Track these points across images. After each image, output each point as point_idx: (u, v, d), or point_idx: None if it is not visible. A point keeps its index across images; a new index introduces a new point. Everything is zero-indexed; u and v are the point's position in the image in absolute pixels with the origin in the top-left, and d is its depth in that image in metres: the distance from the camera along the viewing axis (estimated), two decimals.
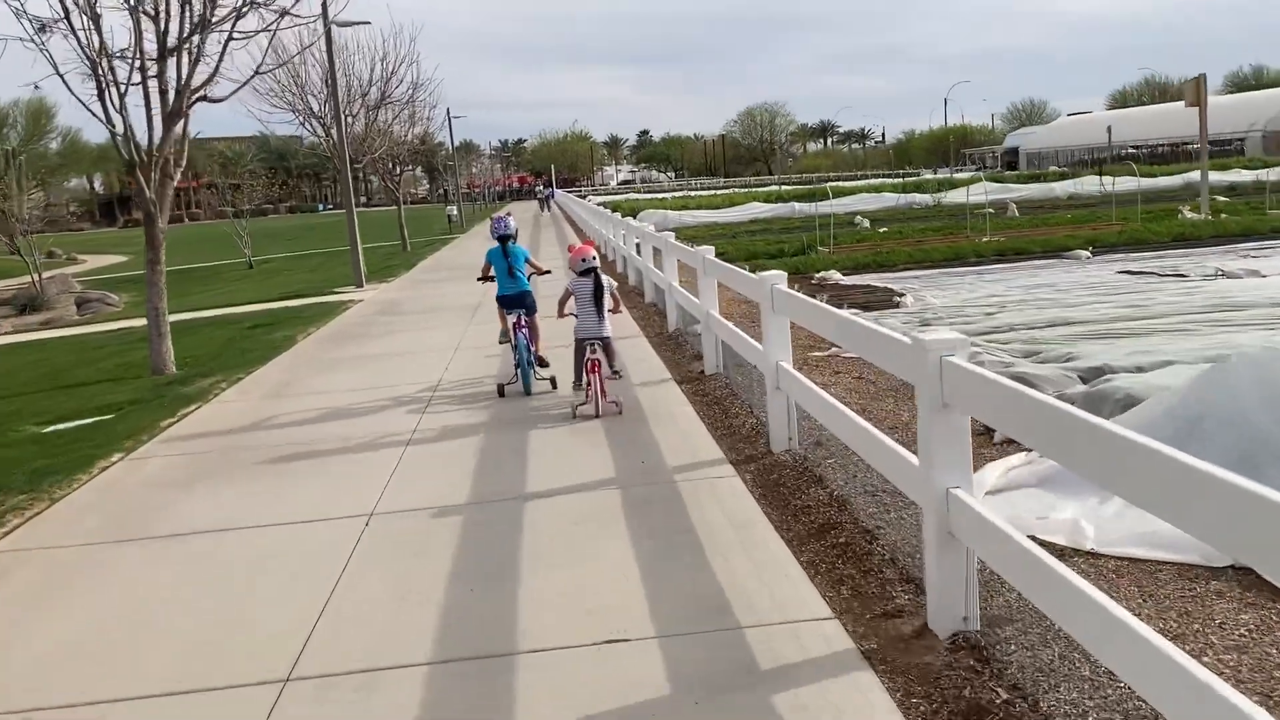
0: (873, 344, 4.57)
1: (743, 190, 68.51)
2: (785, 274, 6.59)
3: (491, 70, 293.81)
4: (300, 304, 19.05)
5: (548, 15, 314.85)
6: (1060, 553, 4.49)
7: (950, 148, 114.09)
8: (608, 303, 8.29)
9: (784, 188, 57.86)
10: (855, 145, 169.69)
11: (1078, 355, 8.13)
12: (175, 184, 12.33)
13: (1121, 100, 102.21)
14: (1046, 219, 24.78)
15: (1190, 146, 66.89)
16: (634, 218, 35.86)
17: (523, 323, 9.05)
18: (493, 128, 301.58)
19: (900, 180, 54.52)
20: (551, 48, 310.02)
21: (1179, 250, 16.92)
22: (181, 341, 14.55)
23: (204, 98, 12.23)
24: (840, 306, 11.44)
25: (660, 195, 66.21)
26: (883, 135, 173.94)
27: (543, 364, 9.25)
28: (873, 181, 56.28)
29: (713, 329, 9.19)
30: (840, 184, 54.10)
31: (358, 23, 22.05)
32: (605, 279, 8.34)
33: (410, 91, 29.09)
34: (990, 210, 26.31)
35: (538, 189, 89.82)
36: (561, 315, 8.48)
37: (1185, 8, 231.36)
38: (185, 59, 11.78)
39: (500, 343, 9.79)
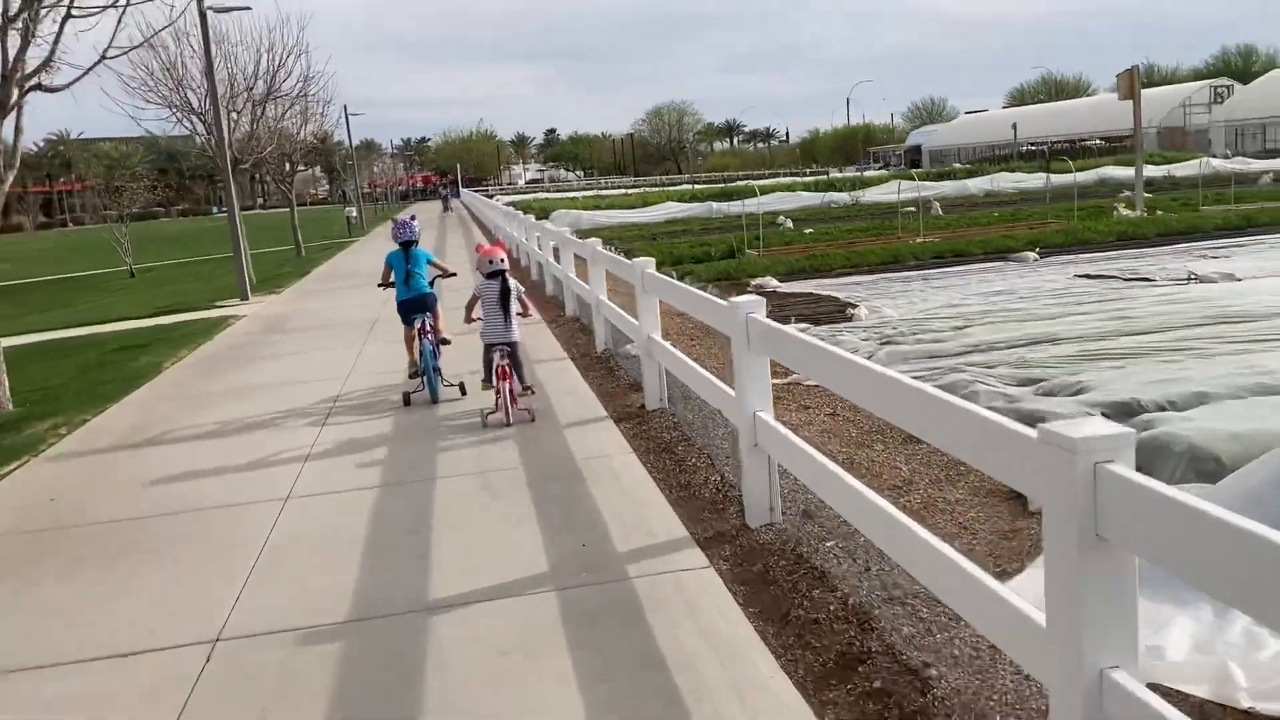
0: (960, 425, 2.92)
1: (655, 189, 67.22)
2: (762, 301, 5.13)
3: (389, 67, 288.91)
4: (177, 321, 16.99)
5: (442, 11, 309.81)
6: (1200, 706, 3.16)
7: (856, 146, 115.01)
8: (515, 306, 7.95)
9: (696, 186, 56.80)
10: (760, 144, 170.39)
11: (1089, 385, 6.89)
12: (28, 189, 10.34)
13: (1020, 98, 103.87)
14: (976, 218, 24.01)
15: (1091, 143, 68.01)
16: (546, 219, 34.45)
17: (427, 327, 8.75)
18: (395, 126, 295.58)
19: (811, 179, 53.86)
20: (449, 45, 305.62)
21: (1127, 250, 16.06)
22: (27, 371, 12.53)
23: (38, 86, 10.30)
24: (786, 320, 10.14)
25: (570, 195, 64.55)
26: (786, 134, 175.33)
27: (445, 343, 9.04)
28: (784, 180, 55.49)
29: (655, 357, 7.71)
30: (753, 183, 53.32)
31: (236, 8, 19.94)
32: (514, 282, 7.99)
33: (300, 85, 26.93)
34: (913, 209, 25.50)
35: (446, 189, 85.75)
36: (469, 320, 8.19)
37: (1074, 10, 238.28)
38: (12, 41, 9.85)
39: (410, 376, 9.22)
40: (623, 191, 68.10)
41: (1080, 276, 13.42)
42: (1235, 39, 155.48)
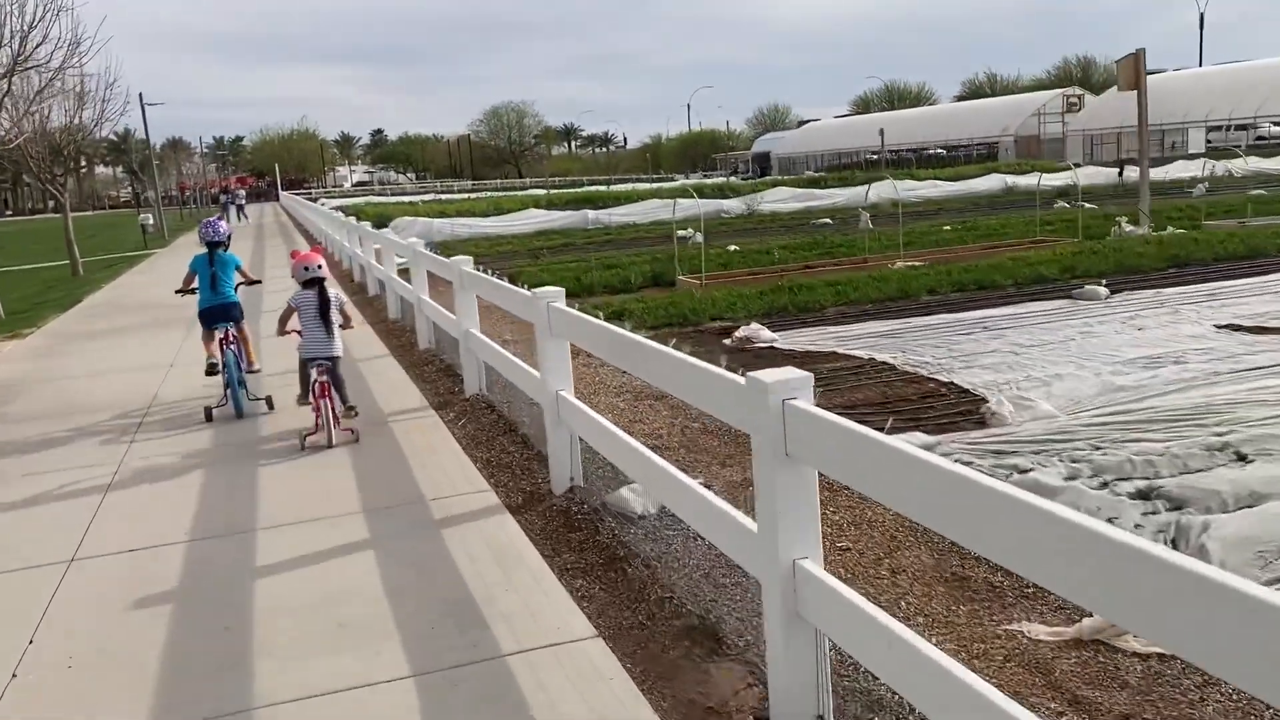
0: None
1: (500, 194, 61.86)
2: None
3: (202, 68, 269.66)
4: None
5: (255, 10, 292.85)
6: None
7: (700, 152, 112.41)
8: (336, 318, 7.37)
9: (551, 191, 51.68)
10: (599, 149, 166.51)
11: None
12: None
13: (864, 106, 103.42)
14: (931, 233, 19.94)
15: (963, 149, 66.76)
16: (385, 228, 28.87)
17: (231, 337, 8.27)
18: (209, 125, 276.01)
19: (673, 183, 49.69)
20: (263, 44, 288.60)
21: (1197, 279, 12.21)
22: None
23: None
24: (862, 420, 5.57)
25: (408, 199, 58.31)
26: (624, 140, 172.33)
27: (253, 370, 8.77)
28: (653, 186, 50.91)
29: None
30: (628, 185, 48.61)
31: None
32: (334, 291, 7.46)
33: (67, 55, 20.38)
34: (827, 221, 21.47)
35: (229, 194, 65.64)
36: (282, 333, 7.67)
37: (902, 21, 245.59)
38: None
39: (208, 374, 8.46)
40: (466, 196, 62.38)
41: (1224, 328, 9.32)
42: (1071, 51, 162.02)
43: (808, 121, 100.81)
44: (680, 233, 23.72)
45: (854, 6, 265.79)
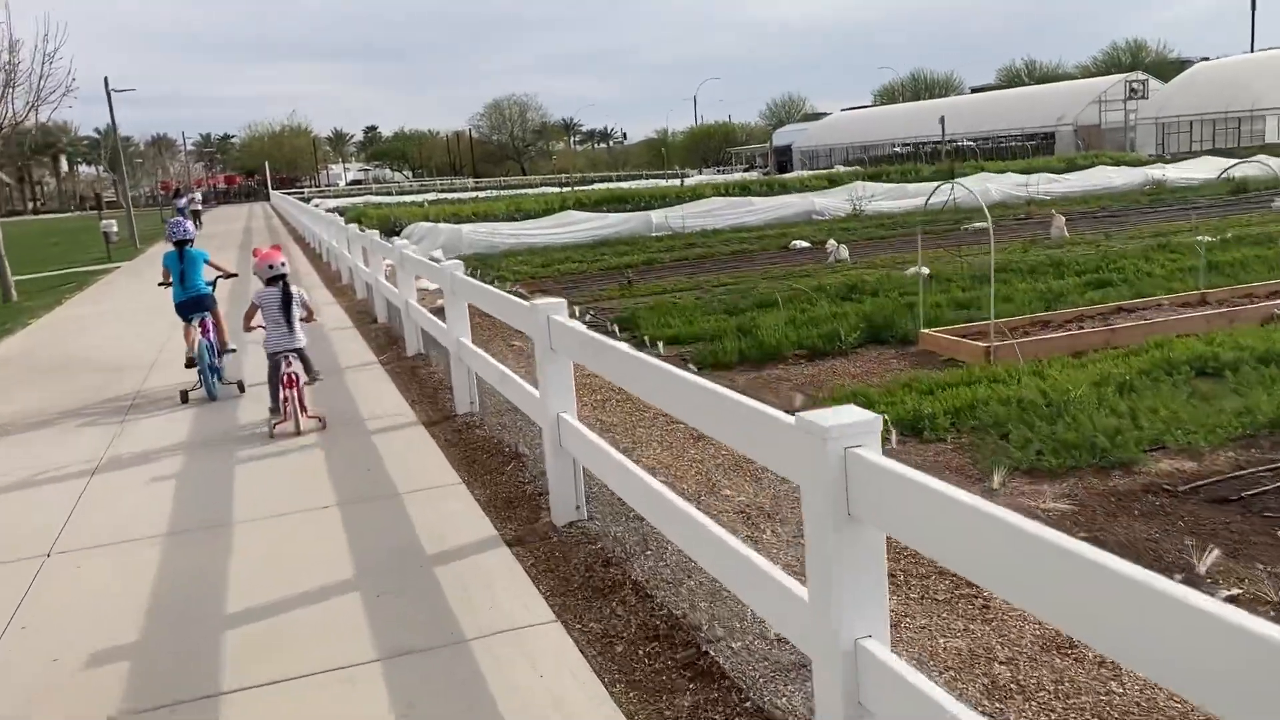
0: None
1: (512, 192, 56.24)
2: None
3: (189, 65, 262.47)
4: None
5: (246, 9, 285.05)
6: None
7: (713, 146, 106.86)
8: (299, 312, 7.84)
9: (576, 189, 45.95)
10: (599, 144, 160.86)
11: None
12: None
13: (890, 97, 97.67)
14: (1233, 253, 13.91)
15: (1015, 139, 61.34)
16: (396, 236, 23.29)
17: (207, 325, 8.93)
18: (198, 123, 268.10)
19: (721, 179, 43.97)
20: (253, 41, 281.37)
21: None
22: None
23: None
24: None
25: (411, 199, 52.68)
26: (624, 135, 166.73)
27: (228, 350, 9.45)
28: (718, 179, 44.73)
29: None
30: (672, 183, 42.81)
31: None
32: (295, 288, 7.95)
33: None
34: (1065, 233, 15.95)
35: (182, 195, 54.77)
36: (248, 329, 8.05)
37: (924, 10, 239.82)
38: None
39: (187, 368, 9.09)
40: (474, 195, 56.74)
41: None
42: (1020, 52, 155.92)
43: (819, 116, 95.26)
44: (799, 243, 18.17)
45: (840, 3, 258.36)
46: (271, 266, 7.79)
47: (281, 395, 7.54)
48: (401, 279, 10.49)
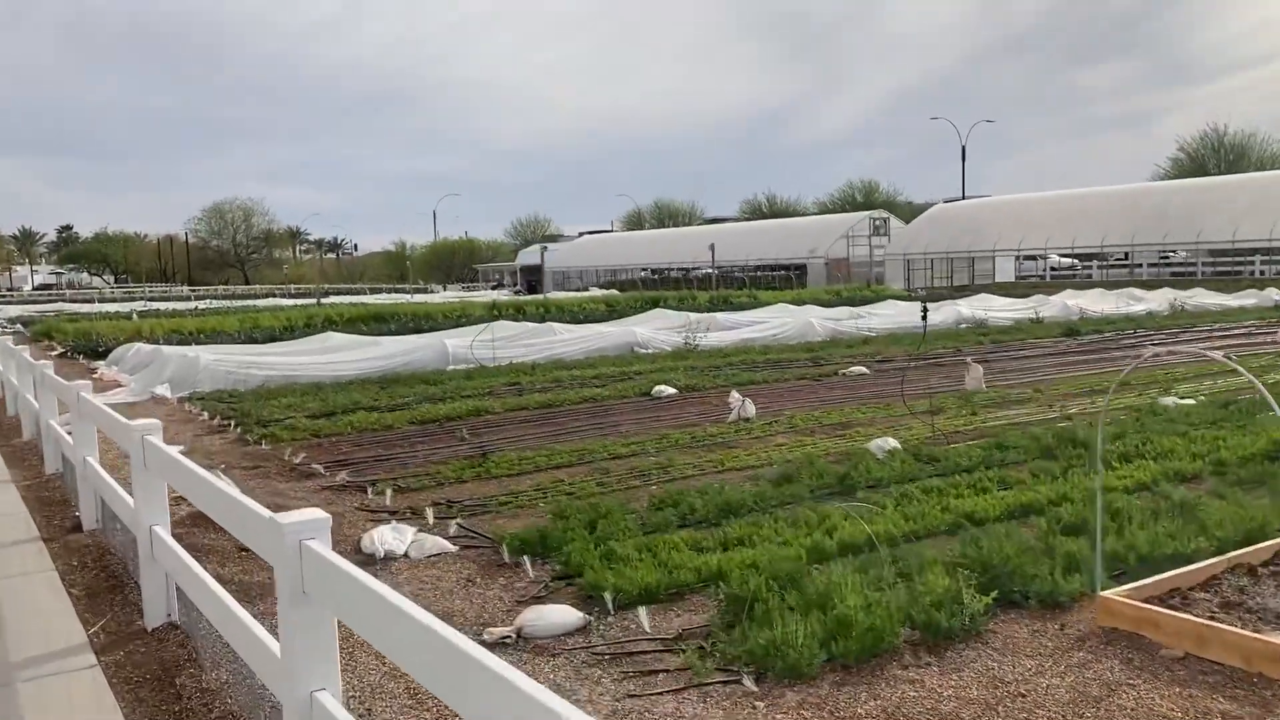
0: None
1: (241, 302, 49.61)
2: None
3: None
4: None
5: None
6: None
7: (455, 262, 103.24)
8: None
9: (324, 302, 40.40)
10: (329, 254, 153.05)
11: None
12: None
13: (637, 222, 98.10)
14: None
15: (767, 269, 61.59)
16: (100, 360, 17.79)
17: None
18: None
19: (478, 297, 39.99)
20: None
21: None
22: None
23: None
24: None
25: (120, 309, 45.08)
26: (355, 246, 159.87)
27: None
28: (451, 298, 40.25)
29: None
30: (416, 300, 38.00)
31: None
32: None
33: None
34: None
35: None
36: None
37: (606, 144, 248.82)
38: None
39: None
40: (194, 306, 49.74)
41: None
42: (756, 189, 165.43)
43: (560, 237, 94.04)
44: (665, 389, 14.38)
45: (554, 128, 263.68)
46: None
47: None
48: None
